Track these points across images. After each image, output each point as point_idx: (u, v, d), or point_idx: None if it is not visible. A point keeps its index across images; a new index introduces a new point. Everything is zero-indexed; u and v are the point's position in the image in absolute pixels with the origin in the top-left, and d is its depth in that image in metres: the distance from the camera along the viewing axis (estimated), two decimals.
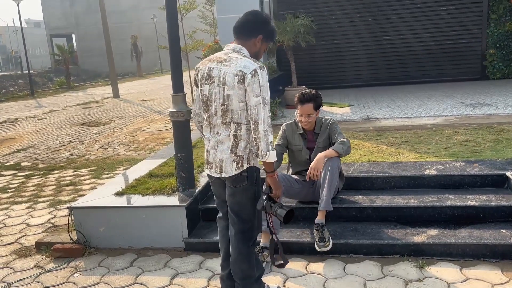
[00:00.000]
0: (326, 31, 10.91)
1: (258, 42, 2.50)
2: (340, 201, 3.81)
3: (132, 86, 24.09)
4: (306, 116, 3.58)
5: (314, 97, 3.55)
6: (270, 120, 2.41)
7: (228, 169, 2.50)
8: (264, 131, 2.37)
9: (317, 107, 3.59)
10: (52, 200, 5.13)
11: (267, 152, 2.41)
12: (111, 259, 3.58)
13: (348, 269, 3.22)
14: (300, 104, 3.58)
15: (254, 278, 2.70)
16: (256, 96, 2.35)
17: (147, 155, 7.08)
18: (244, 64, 2.36)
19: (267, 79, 2.41)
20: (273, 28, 2.58)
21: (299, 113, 3.63)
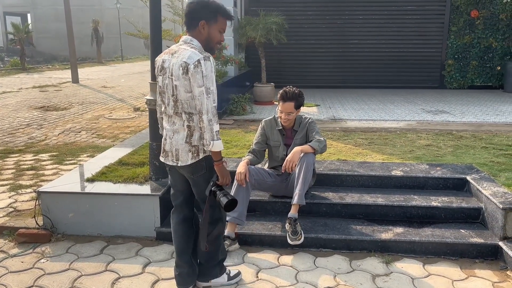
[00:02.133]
0: (296, 31, 11.06)
1: (202, 28, 2.47)
2: (311, 197, 3.91)
3: (91, 72, 23.33)
4: (286, 114, 3.65)
5: (297, 97, 3.63)
6: (215, 110, 2.44)
7: (184, 158, 2.57)
8: (209, 121, 2.41)
9: (298, 106, 3.67)
10: (12, 184, 4.92)
11: (211, 141, 2.44)
12: (80, 246, 3.50)
13: (318, 263, 3.32)
14: (282, 102, 3.64)
15: (217, 261, 2.85)
16: (199, 86, 2.39)
17: (111, 143, 6.92)
18: (189, 55, 2.40)
19: (212, 69, 2.43)
20: (214, 8, 2.49)
21: (280, 109, 3.69)
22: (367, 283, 3.04)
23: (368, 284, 3.02)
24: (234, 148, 5.07)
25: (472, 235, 3.48)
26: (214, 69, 2.45)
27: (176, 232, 2.81)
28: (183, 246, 2.78)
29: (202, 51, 2.46)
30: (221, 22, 2.52)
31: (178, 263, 2.80)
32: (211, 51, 2.54)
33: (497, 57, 11.04)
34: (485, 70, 11.20)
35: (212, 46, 2.55)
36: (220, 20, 2.50)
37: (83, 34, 35.92)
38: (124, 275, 3.09)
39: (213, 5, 2.49)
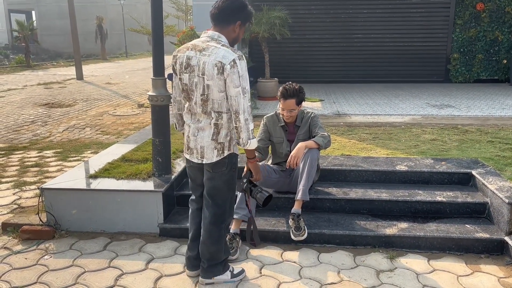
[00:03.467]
0: (299, 25, 10.99)
1: (237, 28, 2.50)
2: (315, 192, 3.89)
3: (96, 68, 23.37)
4: (288, 111, 3.62)
5: (297, 93, 3.59)
6: (250, 109, 2.46)
7: (210, 156, 2.58)
8: (245, 120, 2.43)
9: (300, 102, 3.64)
10: (17, 181, 4.93)
11: (248, 140, 2.48)
12: (83, 243, 3.50)
13: (322, 258, 3.30)
14: (283, 99, 3.61)
15: (220, 261, 2.84)
16: (236, 86, 2.39)
17: (115, 140, 6.93)
18: (223, 54, 2.37)
19: (246, 69, 2.43)
20: (250, 11, 2.56)
21: (281, 107, 3.66)
22: (371, 278, 3.02)
23: (372, 280, 3.00)
24: None
25: (478, 230, 3.44)
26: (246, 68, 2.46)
27: (194, 218, 2.92)
28: (197, 232, 2.86)
29: (233, 49, 2.44)
30: (247, 26, 2.62)
31: (190, 247, 2.93)
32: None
33: (503, 50, 10.93)
34: (491, 64, 11.09)
35: (236, 43, 2.58)
36: (248, 24, 2.59)
37: (87, 31, 36.01)
38: (127, 272, 3.08)
39: (250, 10, 2.55)
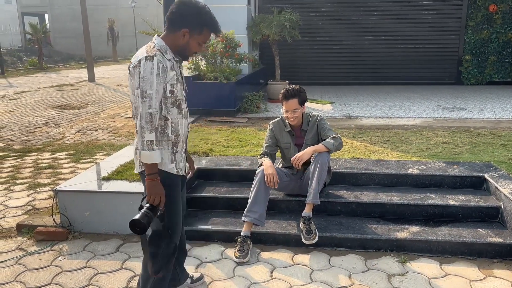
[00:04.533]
0: (310, 28, 11.00)
1: (183, 36, 2.23)
2: (325, 195, 3.89)
3: (107, 70, 23.58)
4: (292, 112, 3.61)
5: (298, 92, 3.60)
6: (149, 117, 2.16)
7: (136, 165, 2.42)
8: (141, 128, 2.16)
9: (302, 102, 3.64)
10: (31, 182, 5.01)
11: (141, 151, 2.18)
12: (96, 244, 3.54)
13: (333, 262, 3.30)
14: (285, 100, 3.61)
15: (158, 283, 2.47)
16: (136, 88, 2.17)
17: (127, 142, 6.98)
18: (137, 54, 2.24)
19: (154, 71, 2.14)
20: (205, 21, 2.24)
21: (284, 109, 3.65)
22: (382, 282, 3.02)
23: (384, 284, 3.00)
24: (248, 146, 5.07)
25: (491, 235, 3.42)
26: (159, 71, 2.16)
27: None
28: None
29: (152, 49, 2.19)
30: (205, 36, 2.29)
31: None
32: (185, 58, 2.38)
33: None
34: (504, 66, 10.98)
35: (187, 55, 2.36)
36: (205, 33, 2.28)
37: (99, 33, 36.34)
38: (139, 273, 3.11)
39: (204, 17, 2.23)
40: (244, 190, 3.97)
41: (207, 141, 5.28)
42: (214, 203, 3.95)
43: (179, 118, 2.33)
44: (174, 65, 2.28)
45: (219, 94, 7.15)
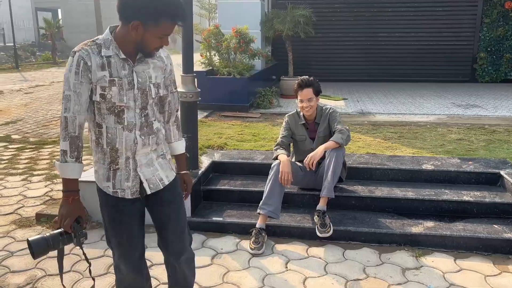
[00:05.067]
0: (323, 24, 10.96)
1: (135, 30, 1.79)
2: (340, 190, 3.91)
3: None
4: (307, 101, 3.65)
5: (314, 82, 3.67)
6: (64, 122, 1.84)
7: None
8: (60, 135, 1.89)
9: (317, 93, 3.69)
10: (48, 174, 5.09)
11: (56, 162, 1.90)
12: None
13: (347, 255, 3.32)
14: (300, 90, 3.66)
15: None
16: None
17: None
18: None
19: (72, 68, 1.80)
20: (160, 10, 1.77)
21: (300, 99, 3.69)
22: (397, 276, 3.03)
23: (398, 277, 3.01)
24: (262, 141, 5.10)
25: (506, 231, 3.41)
26: (78, 69, 1.80)
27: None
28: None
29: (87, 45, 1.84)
30: (165, 27, 1.80)
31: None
32: (148, 55, 1.91)
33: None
34: None
35: (149, 52, 1.88)
36: (164, 25, 1.79)
37: None
38: (156, 263, 3.17)
39: (156, 4, 1.76)
40: (258, 184, 4.00)
41: (221, 136, 5.32)
42: (229, 196, 3.99)
43: (117, 129, 1.90)
44: (110, 64, 1.83)
45: (232, 89, 7.18)
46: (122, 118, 1.89)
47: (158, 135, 2.03)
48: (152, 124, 1.99)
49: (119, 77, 1.85)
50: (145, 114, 1.94)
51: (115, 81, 1.85)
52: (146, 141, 1.97)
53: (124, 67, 1.87)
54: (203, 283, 2.93)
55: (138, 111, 1.92)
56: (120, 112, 1.88)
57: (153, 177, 2.04)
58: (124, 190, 2.00)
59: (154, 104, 1.98)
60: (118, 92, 1.85)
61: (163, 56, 2.01)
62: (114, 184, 1.99)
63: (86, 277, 3.00)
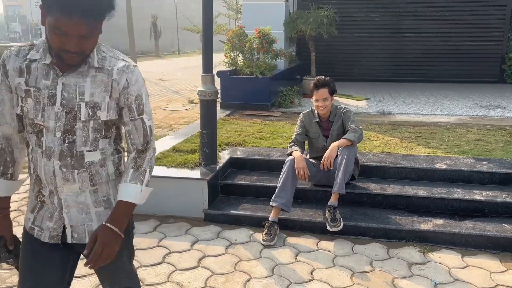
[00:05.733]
0: (348, 24, 10.99)
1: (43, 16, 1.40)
2: (352, 187, 4.03)
3: (149, 65, 24.31)
4: (322, 100, 3.79)
5: (329, 82, 3.82)
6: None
7: None
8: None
9: (332, 92, 3.83)
10: None
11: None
12: (136, 224, 3.82)
13: (356, 249, 3.45)
14: (316, 90, 3.81)
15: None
16: None
17: (166, 132, 7.32)
18: None
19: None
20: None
21: (315, 98, 3.84)
22: (402, 269, 3.14)
23: (404, 271, 3.12)
24: (280, 139, 5.25)
25: None
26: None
27: None
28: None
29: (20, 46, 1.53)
30: (57, 20, 1.33)
31: None
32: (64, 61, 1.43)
33: None
34: None
35: (57, 54, 1.42)
36: (56, 16, 1.33)
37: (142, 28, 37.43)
38: (174, 251, 3.38)
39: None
40: (273, 179, 4.16)
41: (240, 133, 5.51)
42: (245, 190, 4.18)
43: (38, 153, 1.52)
44: (29, 69, 1.47)
45: (254, 88, 7.36)
46: (41, 141, 1.50)
47: (95, 172, 1.56)
48: (82, 156, 1.52)
49: (37, 87, 1.46)
50: (70, 140, 1.49)
51: (30, 91, 1.46)
52: (70, 176, 1.52)
53: (47, 75, 1.46)
54: (217, 270, 3.12)
55: (59, 134, 1.48)
56: (39, 132, 1.50)
57: (81, 226, 1.59)
58: (42, 230, 1.59)
59: (91, 130, 1.51)
60: (33, 106, 1.47)
61: (114, 68, 1.52)
62: (35, 218, 1.61)
63: None
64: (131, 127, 1.58)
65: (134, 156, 1.61)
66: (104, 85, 1.50)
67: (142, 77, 1.60)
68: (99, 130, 1.53)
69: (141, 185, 1.56)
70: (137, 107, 1.57)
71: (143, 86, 1.59)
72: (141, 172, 1.58)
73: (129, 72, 1.54)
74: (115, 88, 1.52)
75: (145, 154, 1.62)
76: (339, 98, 8.43)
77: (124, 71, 1.53)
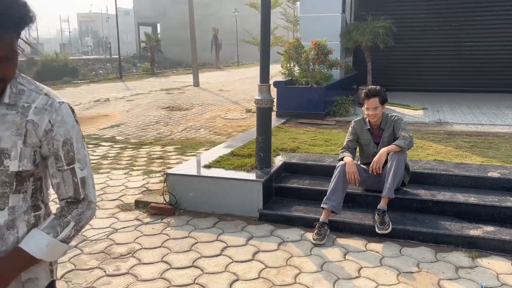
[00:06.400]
0: (405, 34, 10.95)
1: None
2: (402, 193, 4.14)
3: (210, 76, 25.24)
4: (373, 109, 3.96)
5: (380, 92, 3.97)
6: None
7: None
8: None
9: (383, 101, 3.98)
10: (145, 169, 5.91)
11: None
12: (197, 220, 4.21)
13: (404, 252, 3.57)
14: (367, 99, 3.98)
15: None
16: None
17: (225, 139, 7.74)
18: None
19: None
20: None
21: (366, 107, 4.02)
22: (449, 272, 3.24)
23: (450, 273, 3.22)
24: (333, 146, 5.45)
25: None
26: None
27: None
28: None
29: None
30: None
31: None
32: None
33: None
34: None
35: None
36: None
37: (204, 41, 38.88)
38: (231, 245, 3.69)
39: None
40: (325, 184, 4.36)
41: (295, 140, 5.76)
42: (298, 193, 4.42)
43: None
44: None
45: (309, 98, 7.60)
46: None
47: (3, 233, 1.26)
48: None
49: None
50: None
51: None
52: None
53: None
54: (270, 264, 3.39)
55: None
56: None
57: None
58: None
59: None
60: None
61: (32, 105, 1.24)
62: None
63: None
64: (59, 179, 1.30)
65: (63, 204, 1.33)
66: (15, 127, 1.22)
67: (72, 116, 1.29)
68: (7, 184, 1.24)
69: (53, 238, 1.26)
70: (66, 155, 1.28)
71: (73, 128, 1.28)
72: (61, 223, 1.29)
73: (52, 111, 1.25)
74: (31, 131, 1.23)
75: (76, 206, 1.32)
76: (395, 107, 8.45)
77: (46, 109, 1.24)
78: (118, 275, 3.22)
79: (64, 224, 1.28)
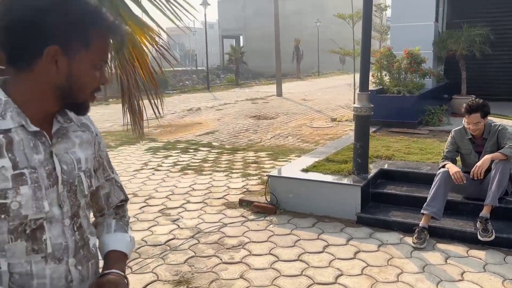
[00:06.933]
0: (503, 41, 10.44)
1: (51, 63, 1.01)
2: (506, 202, 4.09)
3: (291, 86, 25.66)
4: (474, 125, 3.96)
5: (482, 107, 3.92)
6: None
7: None
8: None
9: (485, 115, 3.94)
10: (243, 172, 6.33)
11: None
12: (297, 220, 4.49)
13: (508, 260, 3.56)
14: (468, 114, 3.97)
15: None
16: None
17: (313, 147, 7.98)
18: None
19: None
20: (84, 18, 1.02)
21: (467, 121, 4.01)
22: None
23: None
24: (429, 155, 5.46)
25: None
26: None
27: None
28: None
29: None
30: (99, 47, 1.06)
31: None
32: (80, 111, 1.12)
33: None
34: None
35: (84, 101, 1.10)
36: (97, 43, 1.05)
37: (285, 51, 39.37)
38: (332, 244, 3.92)
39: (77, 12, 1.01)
40: (422, 191, 4.43)
41: (388, 148, 5.85)
42: (394, 199, 4.53)
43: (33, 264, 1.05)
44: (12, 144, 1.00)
45: (401, 106, 7.60)
46: (42, 241, 1.05)
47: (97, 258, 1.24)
48: (89, 240, 1.19)
49: (31, 166, 1.03)
50: (78, 225, 1.14)
51: (25, 175, 1.01)
52: (85, 273, 1.15)
53: (36, 147, 1.04)
54: (371, 263, 3.56)
55: (67, 222, 1.10)
56: (37, 231, 1.05)
57: None
58: None
59: (86, 205, 1.20)
60: (32, 195, 1.02)
61: (87, 122, 1.21)
62: None
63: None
64: (108, 188, 1.31)
65: (111, 211, 1.34)
66: (90, 145, 1.19)
67: None
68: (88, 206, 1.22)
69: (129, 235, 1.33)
70: (109, 163, 1.31)
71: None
72: (125, 222, 1.35)
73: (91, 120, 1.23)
74: (98, 146, 1.23)
75: (125, 205, 1.38)
76: (492, 117, 8.13)
77: (90, 120, 1.22)
78: (233, 263, 3.59)
79: (127, 222, 1.37)
